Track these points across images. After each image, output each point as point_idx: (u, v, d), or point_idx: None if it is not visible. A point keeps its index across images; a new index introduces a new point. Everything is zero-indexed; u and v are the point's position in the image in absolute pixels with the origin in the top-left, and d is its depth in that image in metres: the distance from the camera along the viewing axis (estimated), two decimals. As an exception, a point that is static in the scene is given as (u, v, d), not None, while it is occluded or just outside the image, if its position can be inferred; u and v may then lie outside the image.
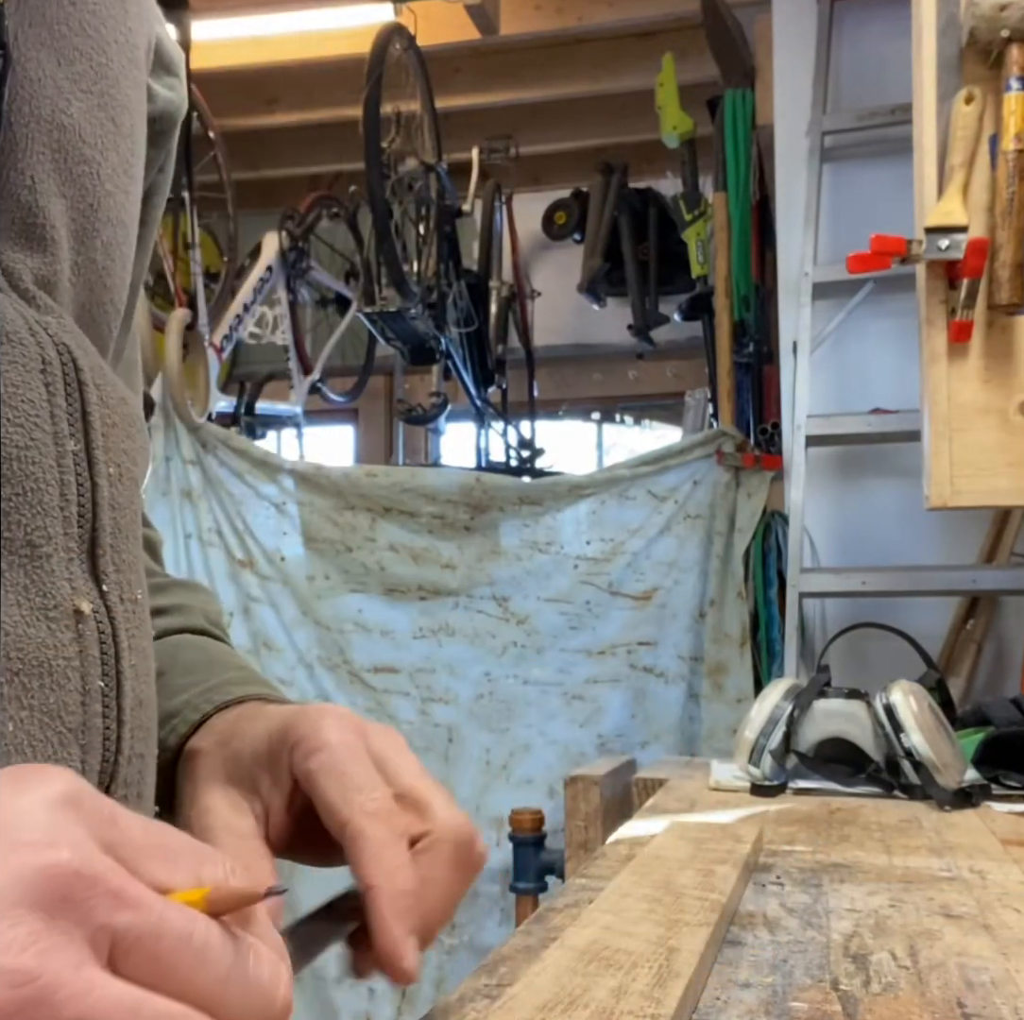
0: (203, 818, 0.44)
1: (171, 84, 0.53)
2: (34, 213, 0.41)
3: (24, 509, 0.37)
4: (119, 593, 0.41)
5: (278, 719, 0.46)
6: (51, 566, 0.37)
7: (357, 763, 0.42)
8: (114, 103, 0.45)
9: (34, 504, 0.37)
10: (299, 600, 2.91)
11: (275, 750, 0.44)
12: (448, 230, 3.58)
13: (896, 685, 1.08)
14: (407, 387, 4.70)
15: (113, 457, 0.41)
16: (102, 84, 0.44)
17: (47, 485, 0.38)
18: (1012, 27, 1.35)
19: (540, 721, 2.81)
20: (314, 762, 0.42)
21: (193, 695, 0.51)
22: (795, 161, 2.68)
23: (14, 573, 0.36)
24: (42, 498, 0.37)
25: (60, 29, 0.42)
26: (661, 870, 0.64)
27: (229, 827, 0.44)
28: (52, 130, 0.41)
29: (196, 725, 0.50)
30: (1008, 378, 1.43)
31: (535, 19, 3.53)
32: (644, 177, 4.17)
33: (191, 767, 0.48)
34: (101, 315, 0.46)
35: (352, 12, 3.40)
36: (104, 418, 0.41)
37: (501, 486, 2.89)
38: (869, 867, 0.75)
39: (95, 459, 0.40)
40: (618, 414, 4.99)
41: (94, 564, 0.40)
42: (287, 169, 4.57)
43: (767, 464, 2.69)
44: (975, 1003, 0.48)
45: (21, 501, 0.37)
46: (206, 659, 0.54)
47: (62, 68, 0.42)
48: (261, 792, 0.45)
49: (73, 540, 0.39)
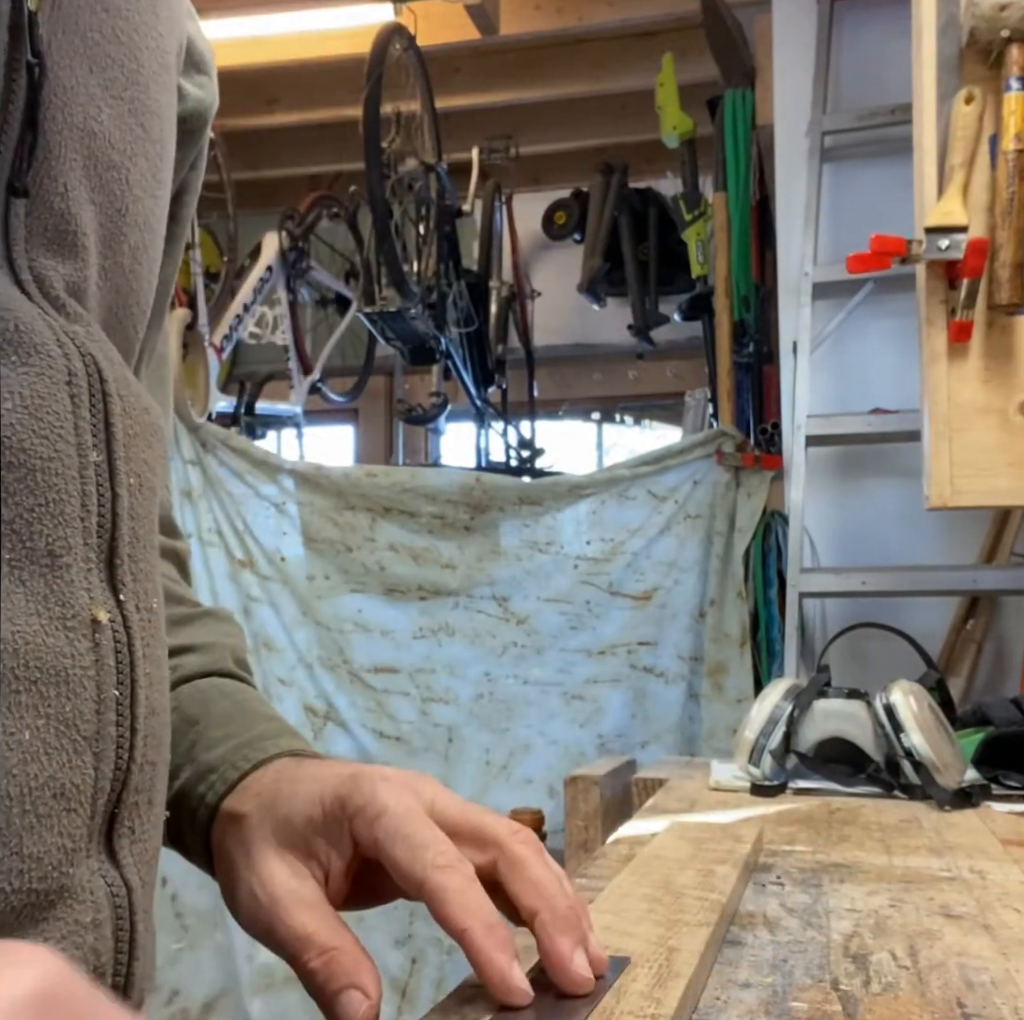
0: (268, 888, 0.46)
1: (202, 82, 0.54)
2: (66, 219, 0.41)
3: (46, 519, 0.37)
4: (135, 602, 0.41)
5: (329, 786, 0.47)
6: (71, 576, 0.38)
7: (416, 822, 0.44)
8: (144, 109, 0.45)
9: (56, 515, 0.38)
10: (299, 600, 2.91)
11: (332, 817, 0.46)
12: (448, 230, 3.58)
13: (896, 685, 1.08)
14: (407, 387, 4.70)
15: (134, 467, 0.42)
16: (132, 90, 0.45)
17: (69, 496, 0.38)
18: (1012, 27, 1.35)
19: (540, 721, 2.81)
20: (379, 830, 0.44)
21: (228, 750, 0.52)
22: (795, 161, 2.68)
23: (35, 582, 0.37)
24: (64, 509, 0.38)
25: (93, 36, 0.42)
26: (661, 870, 0.64)
27: (296, 896, 0.46)
28: (83, 137, 0.42)
29: (233, 784, 0.51)
30: (1008, 378, 1.43)
31: (535, 19, 3.53)
32: (644, 177, 4.17)
33: (239, 831, 0.49)
34: (127, 318, 0.46)
35: (352, 12, 3.40)
36: (126, 429, 0.41)
37: (501, 486, 2.89)
38: (869, 867, 0.75)
39: (116, 470, 0.40)
40: (618, 414, 4.99)
41: (112, 573, 0.40)
42: (287, 169, 4.57)
43: (767, 464, 2.69)
44: (975, 1003, 0.48)
45: (43, 512, 0.37)
46: (238, 710, 0.56)
47: (94, 75, 0.42)
48: (319, 856, 0.47)
49: (92, 550, 0.39)
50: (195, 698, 0.56)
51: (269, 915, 0.46)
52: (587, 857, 0.81)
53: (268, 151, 4.44)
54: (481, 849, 0.46)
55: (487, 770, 2.81)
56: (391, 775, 0.47)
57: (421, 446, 4.76)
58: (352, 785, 0.47)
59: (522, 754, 2.81)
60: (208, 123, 0.55)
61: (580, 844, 1.10)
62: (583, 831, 1.10)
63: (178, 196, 0.54)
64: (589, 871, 0.73)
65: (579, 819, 1.11)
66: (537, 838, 0.48)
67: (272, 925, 0.46)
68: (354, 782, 0.47)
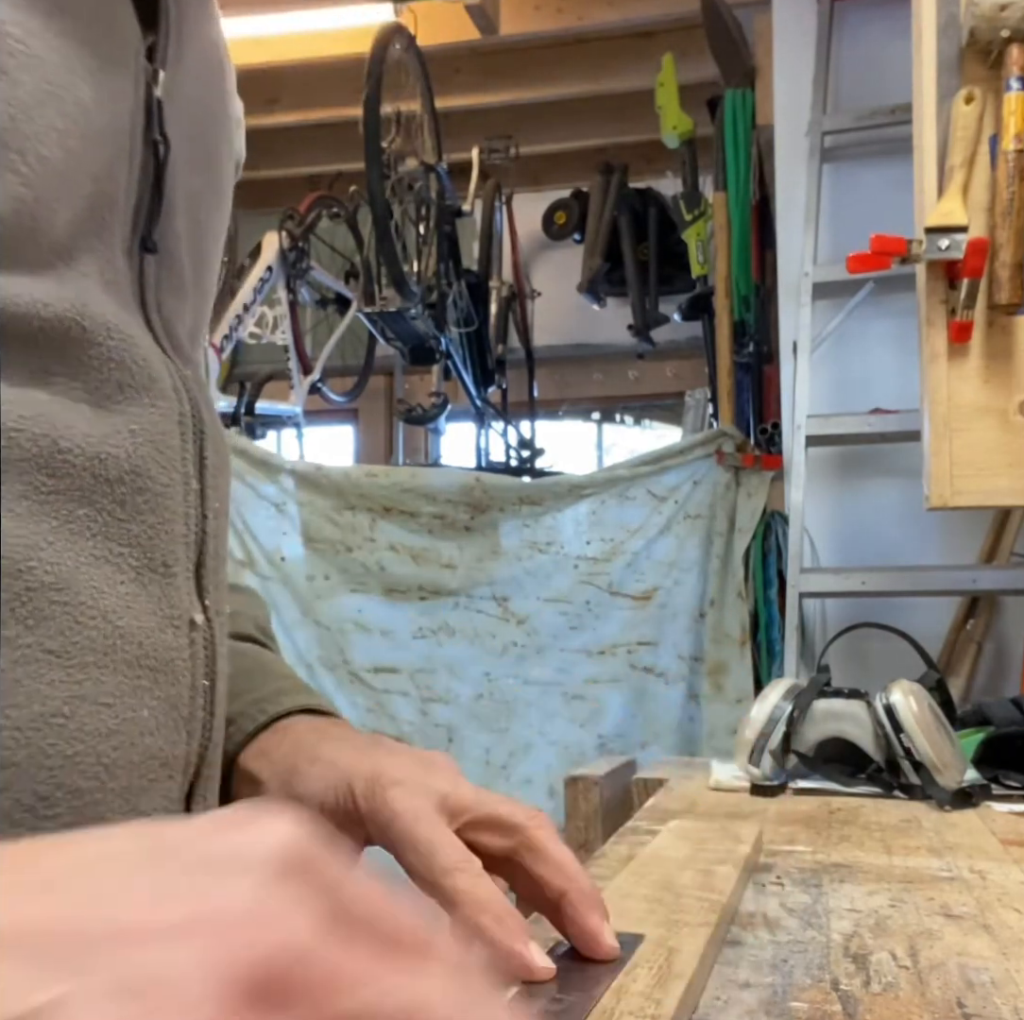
0: None
1: (240, 134, 0.62)
2: (181, 266, 0.50)
3: (163, 536, 0.45)
4: (216, 607, 0.48)
5: (344, 779, 0.50)
6: (178, 583, 0.45)
7: (425, 828, 0.48)
8: (218, 174, 0.54)
9: (170, 532, 0.45)
10: (299, 600, 2.91)
11: (344, 810, 0.50)
12: (448, 230, 3.58)
13: (896, 685, 1.08)
14: (407, 387, 4.70)
15: (218, 494, 0.49)
16: (214, 157, 0.54)
17: (177, 517, 0.46)
18: (1012, 27, 1.35)
19: (540, 721, 2.81)
20: (390, 835, 0.48)
21: (246, 704, 0.57)
22: (795, 161, 2.68)
23: (153, 588, 0.44)
24: (174, 527, 0.45)
25: (191, 109, 0.50)
26: (661, 870, 0.64)
27: None
28: (186, 199, 0.50)
29: (251, 734, 0.56)
30: (1008, 378, 1.43)
31: (535, 19, 3.53)
32: (644, 177, 4.18)
33: (255, 797, 0.53)
34: (196, 351, 0.54)
35: (352, 12, 3.40)
36: (214, 463, 0.49)
37: (501, 486, 2.89)
38: (869, 867, 0.75)
39: (207, 497, 0.48)
40: (618, 414, 4.99)
41: (200, 583, 0.47)
42: (287, 169, 4.57)
43: (767, 464, 2.69)
44: (975, 1003, 0.48)
45: (161, 529, 0.45)
46: (257, 667, 0.60)
47: (188, 143, 0.50)
48: None
49: (191, 562, 0.47)
50: None
51: None
52: (587, 857, 0.81)
53: (268, 151, 4.44)
54: (500, 835, 0.50)
55: (487, 770, 2.80)
56: (403, 776, 0.50)
57: (421, 446, 4.76)
58: (365, 787, 0.49)
59: (522, 754, 2.81)
60: (242, 160, 0.64)
61: (580, 844, 1.10)
62: (583, 831, 1.10)
63: None
64: (589, 871, 0.73)
65: (579, 819, 1.11)
66: (551, 821, 0.51)
67: None
68: (367, 784, 0.49)
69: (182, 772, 0.45)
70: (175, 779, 0.45)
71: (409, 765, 0.51)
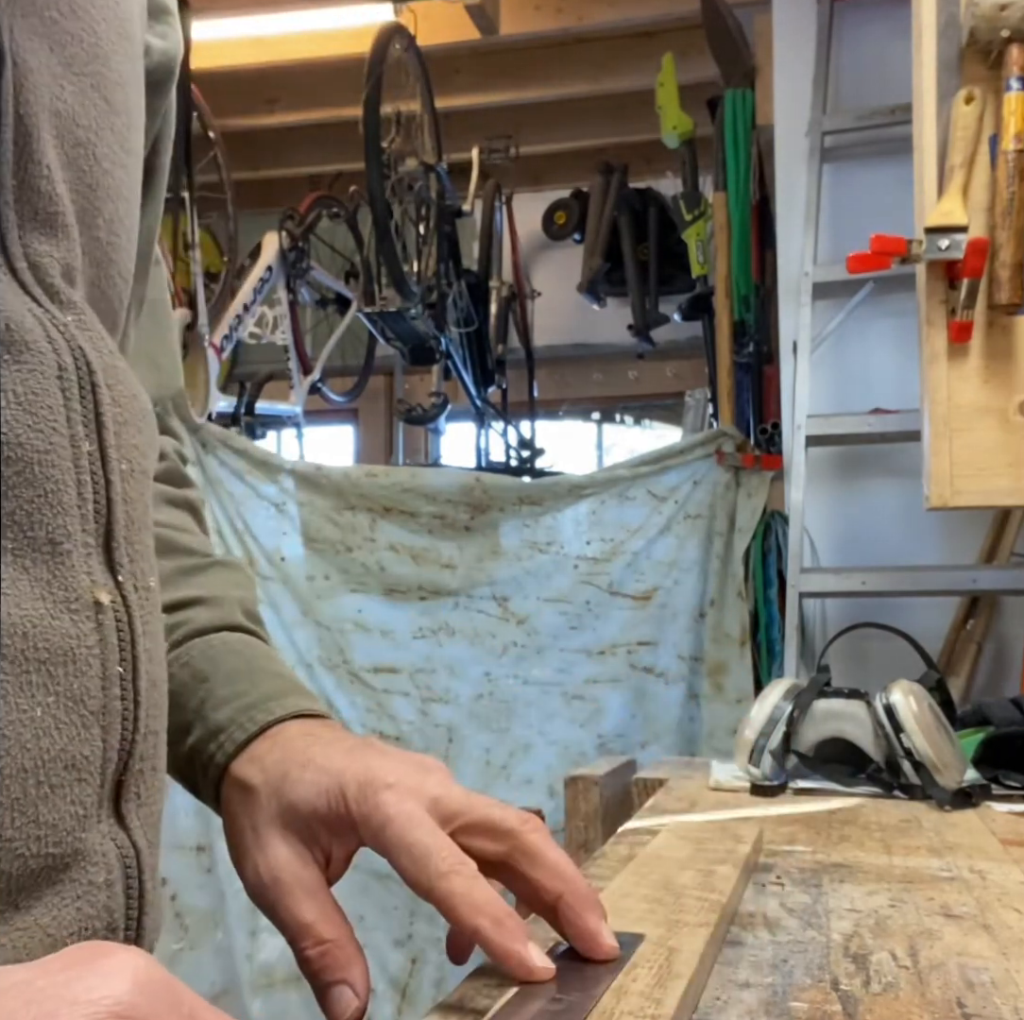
0: (272, 870, 0.49)
1: (163, 32, 0.54)
2: (53, 202, 0.42)
3: (45, 509, 0.39)
4: (133, 582, 0.43)
5: (335, 784, 0.49)
6: (71, 561, 0.40)
7: (418, 831, 0.47)
8: (106, 81, 0.46)
9: (54, 504, 0.40)
10: (299, 600, 2.91)
11: (336, 815, 0.49)
12: (448, 230, 3.58)
13: (896, 685, 1.08)
14: (407, 387, 4.71)
15: (124, 453, 0.43)
16: (93, 65, 0.45)
17: (66, 486, 0.40)
18: (1012, 27, 1.35)
19: (540, 721, 2.81)
20: (384, 840, 0.47)
21: (236, 710, 0.55)
22: (795, 161, 2.68)
23: (38, 569, 0.39)
24: (61, 498, 0.40)
25: (51, 15, 0.42)
26: (661, 870, 0.64)
27: (299, 881, 0.49)
28: (51, 117, 0.42)
29: (241, 744, 0.54)
30: (1008, 378, 1.43)
31: (535, 19, 3.53)
32: (644, 177, 4.18)
33: (247, 805, 0.52)
34: (110, 288, 0.47)
35: (352, 12, 3.40)
36: (115, 417, 0.43)
37: (501, 486, 2.89)
38: (869, 867, 0.75)
39: (108, 457, 0.42)
40: (618, 414, 4.99)
41: (110, 556, 0.42)
42: (287, 169, 4.57)
43: (767, 464, 2.69)
44: (975, 1003, 0.48)
45: (42, 502, 0.39)
46: (246, 668, 0.58)
47: (55, 54, 0.43)
48: (321, 843, 0.50)
49: (90, 535, 0.41)
50: (206, 654, 0.58)
51: (272, 896, 0.49)
52: (587, 857, 0.81)
53: (268, 151, 4.44)
54: (493, 840, 0.49)
55: (487, 770, 2.80)
56: (395, 780, 0.49)
57: (421, 446, 4.76)
58: (357, 790, 0.48)
59: (522, 754, 2.81)
60: (174, 73, 0.55)
61: (580, 844, 1.10)
62: (583, 831, 1.10)
63: (152, 148, 0.55)
64: (589, 871, 0.73)
65: (579, 819, 1.11)
66: (544, 824, 0.50)
67: (274, 906, 0.49)
68: (359, 788, 0.49)
69: (99, 772, 0.40)
70: (89, 781, 0.40)
71: (400, 768, 0.50)
